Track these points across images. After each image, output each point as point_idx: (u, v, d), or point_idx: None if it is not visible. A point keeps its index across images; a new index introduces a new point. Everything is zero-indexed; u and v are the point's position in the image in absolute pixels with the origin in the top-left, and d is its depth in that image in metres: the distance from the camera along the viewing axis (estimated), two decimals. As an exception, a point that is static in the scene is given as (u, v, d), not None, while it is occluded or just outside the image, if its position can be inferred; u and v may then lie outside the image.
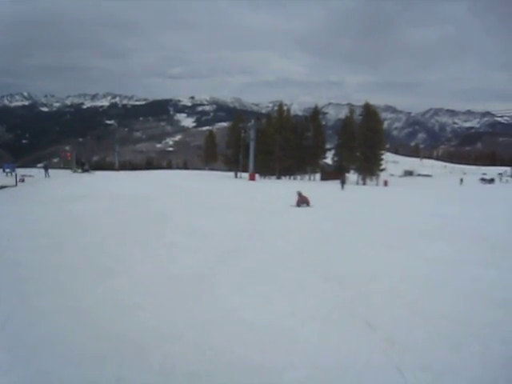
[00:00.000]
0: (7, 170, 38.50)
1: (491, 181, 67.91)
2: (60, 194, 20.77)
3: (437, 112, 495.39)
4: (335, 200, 20.97)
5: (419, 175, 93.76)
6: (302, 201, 19.30)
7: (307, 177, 67.25)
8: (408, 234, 12.61)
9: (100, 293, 6.12)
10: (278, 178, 63.18)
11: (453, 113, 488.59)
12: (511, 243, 11.48)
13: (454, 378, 4.10)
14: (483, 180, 70.24)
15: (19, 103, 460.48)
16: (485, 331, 5.11)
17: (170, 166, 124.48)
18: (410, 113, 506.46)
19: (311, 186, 38.81)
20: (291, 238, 11.25)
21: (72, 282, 6.56)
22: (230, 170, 69.00)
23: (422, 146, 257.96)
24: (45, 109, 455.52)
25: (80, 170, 47.07)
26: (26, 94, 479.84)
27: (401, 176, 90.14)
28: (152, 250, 9.05)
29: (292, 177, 67.10)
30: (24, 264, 7.56)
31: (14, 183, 27.29)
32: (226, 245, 9.85)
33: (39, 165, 72.32)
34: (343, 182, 36.44)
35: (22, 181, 29.57)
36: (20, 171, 37.01)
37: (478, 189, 47.41)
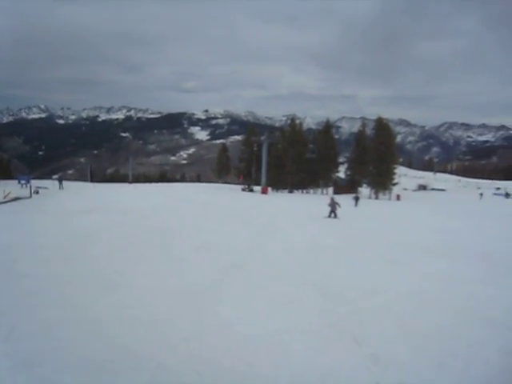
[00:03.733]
0: (22, 182, 38.90)
1: (507, 195, 67.35)
2: (72, 206, 21.04)
3: (451, 126, 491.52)
4: (346, 215, 20.95)
5: (433, 189, 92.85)
6: (334, 203, 20.94)
7: (320, 190, 67.12)
8: (413, 250, 12.77)
9: (103, 306, 6.33)
10: (290, 191, 63.19)
11: (467, 126, 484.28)
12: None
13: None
14: (500, 194, 70.02)
15: (36, 115, 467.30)
16: (470, 350, 5.26)
17: (183, 179, 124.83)
18: (423, 126, 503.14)
19: (324, 200, 38.82)
20: (295, 253, 11.37)
21: (77, 295, 6.79)
22: (242, 184, 69.25)
23: (436, 159, 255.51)
24: (61, 121, 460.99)
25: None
26: (42, 106, 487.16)
27: (414, 190, 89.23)
28: (157, 264, 9.24)
29: (304, 190, 67.05)
30: (31, 276, 7.82)
31: (29, 195, 27.67)
32: (230, 260, 10.00)
33: (54, 176, 73.27)
34: (357, 199, 35.78)
35: (37, 193, 29.96)
36: (35, 183, 37.50)
37: (498, 204, 46.99)
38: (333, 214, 20.94)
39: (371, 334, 5.56)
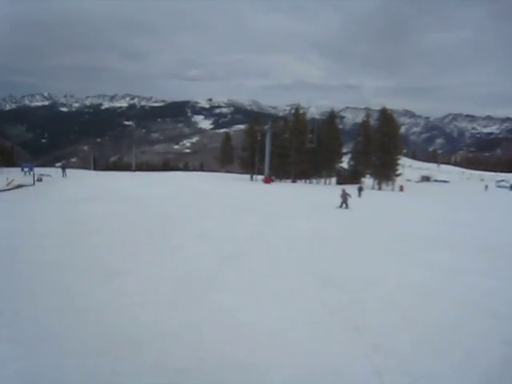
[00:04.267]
0: (25, 170, 39.05)
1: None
2: (75, 194, 21.12)
3: (456, 117, 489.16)
4: (349, 206, 20.95)
5: (436, 181, 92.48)
6: (346, 194, 21.30)
7: (323, 181, 67.04)
8: (416, 241, 12.73)
9: (104, 292, 6.35)
10: (294, 181, 63.13)
11: (472, 118, 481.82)
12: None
13: (431, 383, 4.24)
14: (505, 187, 70.05)
15: (39, 103, 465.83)
16: (470, 340, 5.25)
17: (186, 168, 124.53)
18: (428, 118, 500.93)
19: (327, 190, 38.62)
20: (298, 243, 11.33)
21: (78, 282, 6.81)
22: (245, 173, 68.96)
23: (440, 151, 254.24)
24: (64, 109, 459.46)
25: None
26: (46, 94, 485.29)
27: (417, 181, 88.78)
28: (158, 252, 9.24)
29: (307, 181, 66.98)
30: (32, 263, 7.85)
31: (32, 182, 27.74)
32: (231, 248, 9.98)
33: (58, 164, 73.24)
34: (361, 190, 35.81)
35: (40, 180, 30.09)
36: (38, 171, 37.61)
37: (502, 196, 46.90)
38: (344, 205, 21.43)
39: (373, 323, 5.56)
